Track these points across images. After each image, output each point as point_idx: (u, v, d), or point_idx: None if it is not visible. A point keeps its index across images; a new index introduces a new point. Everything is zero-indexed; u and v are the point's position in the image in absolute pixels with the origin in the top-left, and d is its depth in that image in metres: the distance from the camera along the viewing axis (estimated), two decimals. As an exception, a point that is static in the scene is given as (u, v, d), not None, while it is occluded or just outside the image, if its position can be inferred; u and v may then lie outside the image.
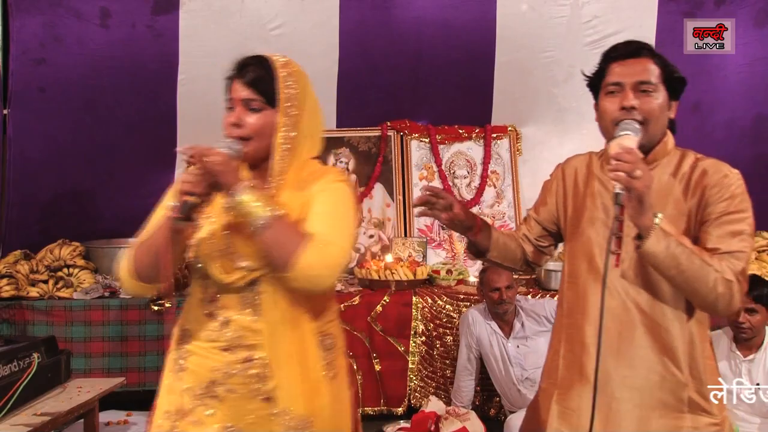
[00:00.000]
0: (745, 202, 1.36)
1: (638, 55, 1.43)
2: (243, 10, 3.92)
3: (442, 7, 4.07)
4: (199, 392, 1.37)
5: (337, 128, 4.42)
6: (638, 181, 1.26)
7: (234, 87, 1.44)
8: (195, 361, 1.40)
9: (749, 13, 4.04)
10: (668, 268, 1.30)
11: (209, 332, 1.39)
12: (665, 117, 1.45)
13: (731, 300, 1.30)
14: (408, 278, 3.65)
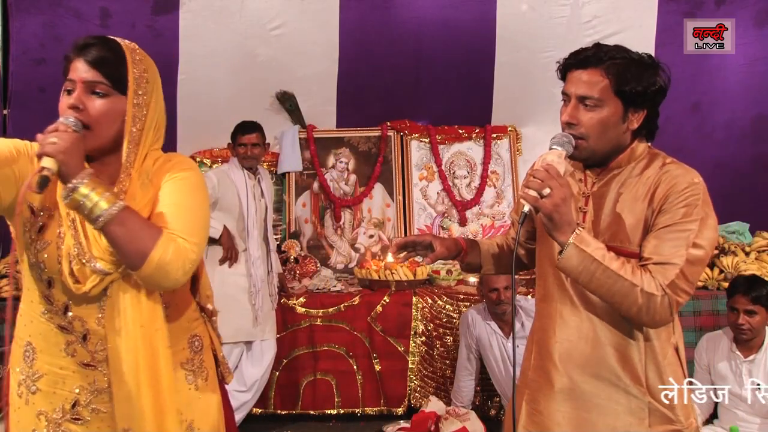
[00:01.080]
0: (696, 215, 1.32)
1: (586, 66, 1.38)
2: (243, 10, 3.92)
3: (442, 7, 4.07)
4: (58, 417, 1.23)
5: (337, 128, 4.43)
6: (546, 200, 1.26)
7: (75, 66, 1.24)
8: (50, 381, 1.24)
9: (749, 13, 4.03)
10: (585, 283, 1.32)
11: (66, 347, 1.23)
12: (616, 130, 1.38)
13: (654, 312, 1.29)
14: (408, 278, 3.65)
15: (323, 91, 4.28)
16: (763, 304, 2.67)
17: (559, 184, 1.28)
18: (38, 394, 1.25)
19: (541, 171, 1.29)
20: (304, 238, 4.26)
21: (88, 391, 1.25)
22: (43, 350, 1.25)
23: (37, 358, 1.25)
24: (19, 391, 1.26)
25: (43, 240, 1.22)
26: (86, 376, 1.25)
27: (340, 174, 4.38)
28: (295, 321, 3.55)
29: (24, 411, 1.25)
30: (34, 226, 1.22)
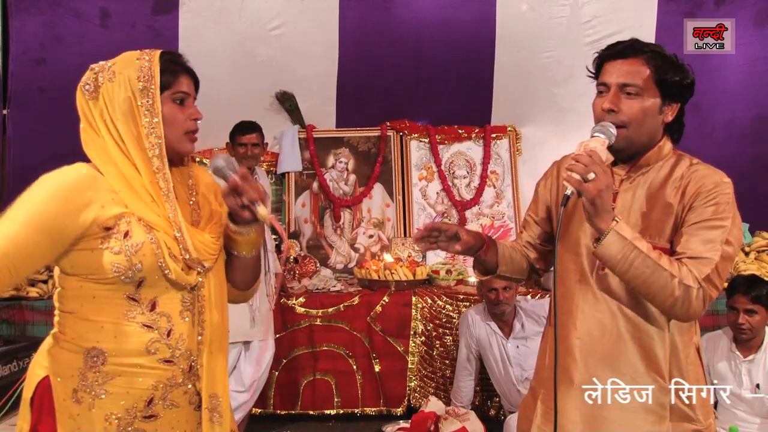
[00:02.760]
0: (727, 212, 1.33)
1: (628, 56, 1.40)
2: (243, 10, 3.92)
3: (442, 7, 4.07)
4: (130, 416, 1.26)
5: (337, 128, 4.43)
6: (590, 184, 1.26)
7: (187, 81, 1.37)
8: (121, 382, 1.26)
9: (749, 13, 4.03)
10: (623, 272, 1.32)
11: (148, 346, 1.27)
12: (654, 121, 1.40)
13: (689, 305, 1.29)
14: (407, 278, 3.65)
15: (323, 91, 4.28)
16: (763, 304, 2.67)
17: (603, 170, 1.28)
18: (107, 397, 1.25)
19: (585, 156, 1.28)
20: (304, 238, 4.26)
21: (165, 386, 1.29)
22: (118, 353, 1.26)
23: (107, 362, 1.26)
24: (77, 397, 1.25)
25: (133, 243, 1.26)
26: (164, 371, 1.29)
27: (340, 174, 4.38)
28: (294, 321, 3.55)
29: (86, 417, 1.25)
30: (120, 234, 1.26)
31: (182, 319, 1.31)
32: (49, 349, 1.30)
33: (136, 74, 1.28)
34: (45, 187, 1.24)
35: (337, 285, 3.82)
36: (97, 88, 1.29)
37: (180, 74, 1.34)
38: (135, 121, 1.29)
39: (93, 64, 1.34)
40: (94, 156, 1.30)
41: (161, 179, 1.29)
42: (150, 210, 1.28)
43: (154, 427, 1.28)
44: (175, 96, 1.33)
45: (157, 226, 1.28)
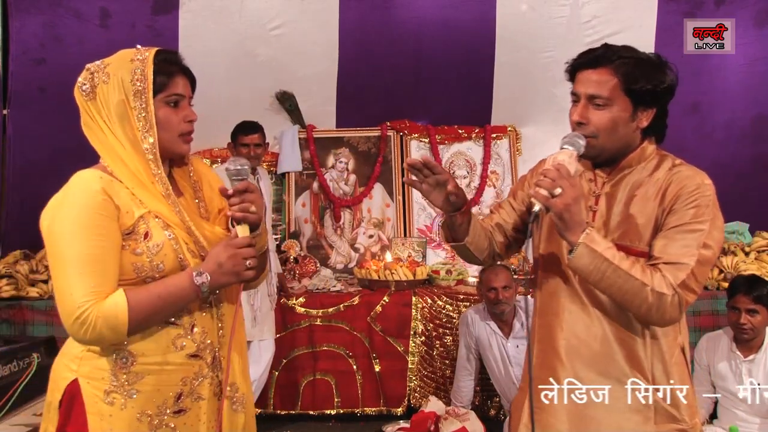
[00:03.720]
0: (706, 215, 1.33)
1: (597, 65, 1.39)
2: (243, 10, 3.92)
3: (442, 7, 4.07)
4: (161, 413, 1.28)
5: (337, 128, 4.43)
6: (557, 200, 1.27)
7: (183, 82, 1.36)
8: (152, 380, 1.28)
9: (749, 13, 4.03)
10: (596, 282, 1.33)
11: (174, 342, 1.29)
12: (626, 128, 1.39)
13: (664, 312, 1.30)
14: (407, 278, 3.65)
15: (323, 91, 4.28)
16: (765, 304, 2.67)
17: (570, 184, 1.28)
18: (139, 397, 1.27)
19: (553, 170, 1.29)
20: (304, 238, 4.26)
21: (192, 380, 1.31)
22: (147, 352, 1.28)
23: (137, 362, 1.27)
24: (109, 399, 1.26)
25: (154, 243, 1.28)
26: (191, 366, 1.31)
27: (340, 174, 4.38)
28: (294, 321, 3.55)
29: (119, 417, 1.26)
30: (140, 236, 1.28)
31: (202, 313, 1.33)
32: (76, 352, 1.30)
33: (130, 77, 1.28)
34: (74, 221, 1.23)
35: (337, 285, 3.82)
36: (93, 89, 1.30)
37: (174, 75, 1.32)
38: (130, 124, 1.29)
39: (89, 64, 1.33)
40: (104, 154, 1.31)
41: (158, 182, 1.30)
42: (164, 206, 1.30)
43: (183, 421, 1.30)
44: (169, 99, 1.32)
45: (173, 222, 1.30)
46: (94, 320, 1.19)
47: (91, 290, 1.20)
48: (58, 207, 1.25)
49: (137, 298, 1.23)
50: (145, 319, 1.24)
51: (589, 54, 1.42)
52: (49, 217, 1.25)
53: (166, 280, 1.27)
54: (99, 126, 1.30)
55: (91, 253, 1.21)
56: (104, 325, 1.20)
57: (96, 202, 1.24)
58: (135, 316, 1.21)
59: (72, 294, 1.20)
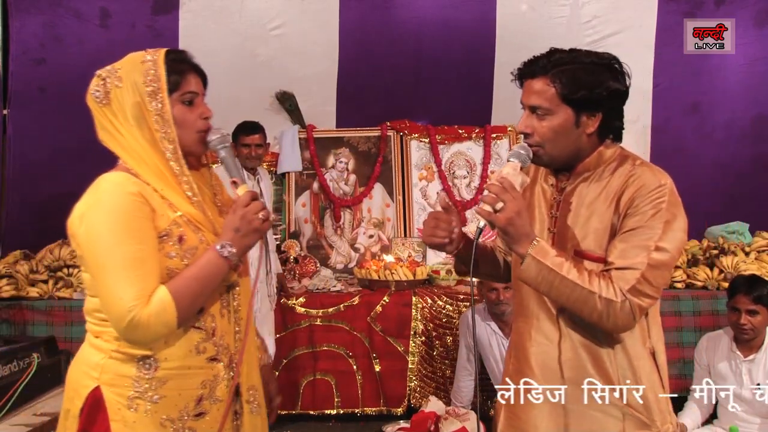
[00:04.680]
0: (659, 218, 1.30)
1: (535, 75, 1.39)
2: (243, 10, 3.93)
3: (442, 7, 4.08)
4: (184, 416, 1.29)
5: (337, 128, 4.43)
6: (500, 214, 1.28)
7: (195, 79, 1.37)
8: (174, 385, 1.28)
9: (749, 13, 4.04)
10: (545, 292, 1.34)
11: (197, 346, 1.31)
12: (571, 136, 1.37)
13: (615, 318, 1.29)
14: (408, 278, 3.65)
15: (323, 91, 4.29)
16: (765, 304, 2.66)
17: (512, 197, 1.29)
18: (162, 402, 1.27)
19: (495, 185, 1.30)
20: (304, 238, 4.26)
21: (211, 382, 1.32)
22: (169, 357, 1.28)
23: (159, 367, 1.28)
24: (132, 405, 1.26)
25: (189, 247, 1.30)
26: (211, 369, 1.32)
27: (340, 174, 4.38)
28: (294, 321, 3.55)
29: (143, 423, 1.26)
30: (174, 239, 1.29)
31: (221, 316, 1.35)
32: (97, 360, 1.29)
33: (143, 78, 1.28)
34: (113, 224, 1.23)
35: (337, 285, 3.82)
36: (107, 94, 1.30)
37: (187, 74, 1.34)
38: (147, 126, 1.29)
39: (99, 70, 1.32)
40: (126, 157, 1.31)
41: (183, 183, 1.31)
42: (192, 208, 1.32)
43: (203, 424, 1.31)
44: (183, 97, 1.32)
45: (203, 225, 1.33)
46: (147, 320, 1.21)
47: (137, 293, 1.21)
48: (93, 211, 1.24)
49: (178, 288, 1.24)
50: (190, 304, 1.26)
51: (530, 63, 1.42)
52: (84, 222, 1.25)
53: (198, 262, 1.28)
54: (117, 129, 1.30)
55: (134, 257, 1.22)
56: (157, 323, 1.22)
57: (134, 204, 1.24)
58: (181, 305, 1.24)
59: (122, 299, 1.20)
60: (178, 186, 1.31)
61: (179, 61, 1.33)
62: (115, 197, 1.25)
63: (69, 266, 3.65)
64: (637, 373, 1.38)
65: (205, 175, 1.45)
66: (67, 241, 3.78)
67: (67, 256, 3.70)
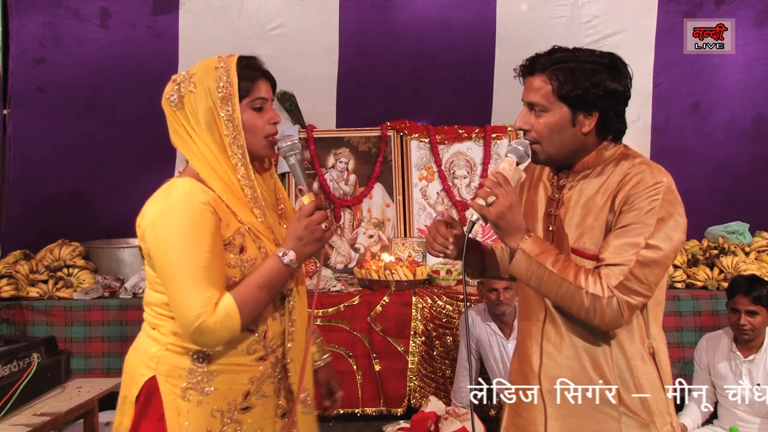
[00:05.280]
0: (652, 215, 1.29)
1: (534, 72, 1.41)
2: (243, 10, 3.93)
3: (442, 7, 4.08)
4: (232, 409, 1.36)
5: (337, 128, 4.43)
6: (491, 208, 1.30)
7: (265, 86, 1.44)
8: (225, 379, 1.36)
9: (749, 13, 4.04)
10: (535, 287, 1.36)
11: (247, 347, 1.37)
12: (567, 134, 1.38)
13: (602, 314, 1.29)
14: (408, 278, 3.65)
15: (323, 91, 4.28)
16: (764, 304, 2.67)
17: (505, 191, 1.30)
18: (212, 394, 1.34)
19: (489, 179, 1.32)
20: (304, 238, 4.26)
21: (258, 379, 1.39)
22: (222, 354, 1.35)
23: (213, 362, 1.34)
24: (186, 396, 1.33)
25: (248, 257, 1.36)
26: (259, 367, 1.39)
27: (340, 174, 4.38)
28: (294, 321, 3.55)
29: (195, 413, 1.33)
30: (235, 249, 1.35)
31: (274, 320, 1.42)
32: (154, 351, 1.37)
33: (215, 84, 1.34)
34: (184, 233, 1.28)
35: (338, 285, 3.82)
36: (181, 99, 1.35)
37: (258, 80, 1.39)
38: (218, 131, 1.34)
39: (174, 75, 1.39)
40: (194, 161, 1.35)
41: (247, 187, 1.35)
42: (253, 217, 1.37)
43: (249, 417, 1.37)
44: (254, 104, 1.37)
45: (263, 234, 1.38)
46: (213, 327, 1.27)
47: (205, 301, 1.27)
48: (164, 219, 1.30)
49: (243, 296, 1.31)
50: (253, 310, 1.33)
51: (531, 60, 1.44)
52: (156, 229, 1.30)
53: (260, 269, 1.34)
54: (188, 134, 1.35)
55: (202, 266, 1.28)
56: (223, 329, 1.28)
57: (203, 214, 1.29)
58: (245, 312, 1.30)
59: (190, 306, 1.27)
60: (241, 193, 1.35)
61: (251, 67, 1.39)
62: (185, 206, 1.30)
63: (69, 266, 3.66)
64: (635, 373, 1.38)
65: (269, 181, 1.51)
66: (67, 241, 3.79)
67: (67, 256, 3.70)
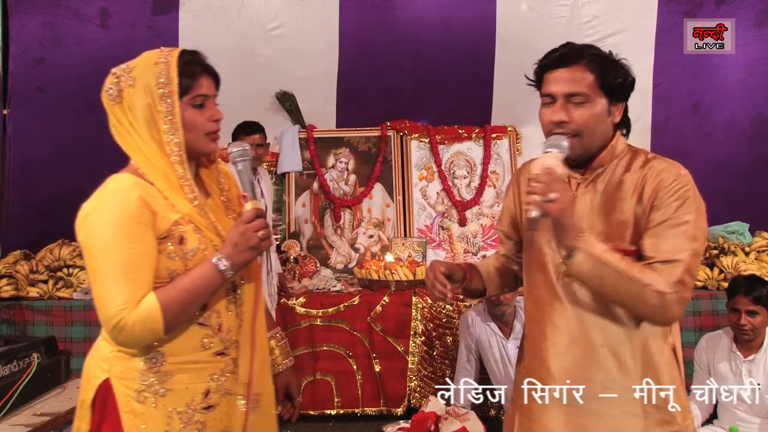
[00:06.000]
0: (689, 206, 1.31)
1: (569, 63, 1.38)
2: (243, 10, 3.92)
3: (442, 7, 4.07)
4: (191, 410, 1.32)
5: (337, 128, 4.43)
6: (554, 204, 1.26)
7: (207, 82, 1.36)
8: (181, 379, 1.31)
9: (749, 13, 4.04)
10: (596, 287, 1.33)
11: (201, 342, 1.33)
12: (605, 124, 1.39)
13: (666, 311, 1.29)
14: (408, 278, 3.65)
15: (323, 91, 4.28)
16: (764, 304, 2.66)
17: (563, 187, 1.28)
18: (168, 395, 1.30)
19: (544, 175, 1.28)
20: (304, 238, 4.26)
21: (219, 376, 1.35)
22: (176, 352, 1.31)
23: (166, 362, 1.31)
24: (140, 398, 1.30)
25: (189, 249, 1.32)
26: (218, 363, 1.35)
27: (340, 174, 4.38)
28: (294, 321, 3.55)
29: (151, 415, 1.30)
30: (175, 240, 1.31)
31: (228, 312, 1.37)
32: (107, 353, 1.33)
33: (155, 80, 1.29)
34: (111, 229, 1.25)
35: (337, 285, 3.82)
36: (120, 93, 1.31)
37: (198, 77, 1.34)
38: (156, 127, 1.31)
39: (114, 68, 1.34)
40: (134, 156, 1.33)
41: (185, 185, 1.32)
42: (194, 209, 1.33)
43: (213, 416, 1.34)
44: (194, 101, 1.33)
45: (203, 225, 1.34)
46: (132, 326, 1.23)
47: (126, 298, 1.23)
48: (95, 214, 1.27)
49: (167, 297, 1.26)
50: (178, 314, 1.27)
51: (559, 53, 1.41)
52: (86, 224, 1.28)
53: (191, 272, 1.29)
54: (126, 129, 1.32)
55: (126, 261, 1.24)
56: (141, 329, 1.24)
57: (133, 210, 1.26)
58: (168, 314, 1.25)
59: (109, 302, 1.23)
60: (180, 188, 1.32)
61: (192, 63, 1.34)
62: (117, 201, 1.27)
63: (69, 266, 3.66)
64: (660, 370, 1.38)
65: (214, 171, 1.46)
66: (67, 241, 3.79)
67: (67, 256, 3.70)
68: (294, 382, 1.62)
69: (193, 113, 1.32)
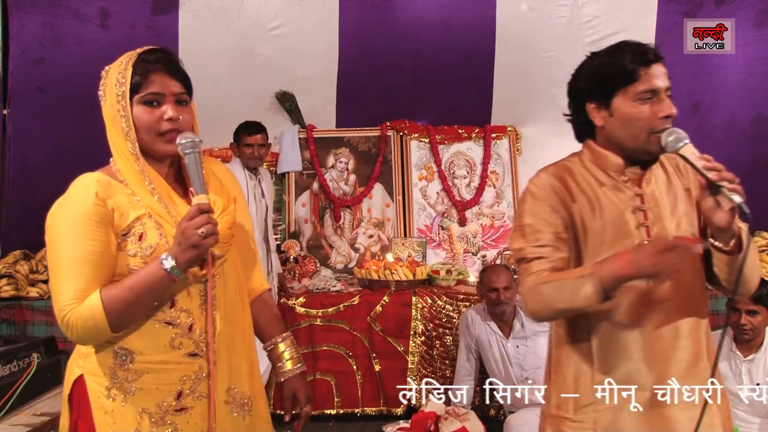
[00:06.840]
0: None
1: (658, 60, 1.42)
2: (243, 10, 3.92)
3: (442, 7, 4.07)
4: (162, 410, 1.29)
5: (337, 128, 4.43)
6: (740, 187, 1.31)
7: (161, 80, 1.31)
8: (151, 379, 1.29)
9: (749, 13, 4.03)
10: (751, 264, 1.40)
11: (171, 342, 1.30)
12: None
13: None
14: (407, 278, 3.65)
15: (323, 91, 4.28)
16: (765, 304, 2.66)
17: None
18: (139, 394, 1.29)
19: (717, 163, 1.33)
20: (304, 238, 4.26)
21: (192, 379, 1.32)
22: (144, 350, 1.30)
23: (135, 360, 1.30)
24: (110, 395, 1.30)
25: (148, 245, 1.30)
26: (191, 364, 1.32)
27: (340, 174, 4.38)
28: (294, 321, 3.55)
29: (120, 413, 1.29)
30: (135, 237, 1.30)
31: (202, 312, 1.34)
32: (83, 350, 1.34)
33: (116, 80, 1.31)
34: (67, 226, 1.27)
35: (337, 285, 3.82)
36: (104, 93, 1.35)
37: (149, 74, 1.31)
38: (119, 126, 1.32)
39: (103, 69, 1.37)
40: (113, 152, 1.35)
41: (146, 181, 1.32)
42: (158, 204, 1.33)
43: (186, 419, 1.31)
44: (144, 98, 1.31)
45: (166, 221, 1.32)
46: (75, 322, 1.23)
47: (73, 294, 1.23)
48: (56, 211, 1.30)
49: (111, 295, 1.24)
50: (123, 312, 1.24)
51: (650, 48, 1.43)
52: (48, 221, 1.30)
53: (139, 271, 1.26)
54: (108, 127, 1.35)
55: (78, 258, 1.24)
56: (83, 326, 1.23)
57: (89, 208, 1.27)
58: (112, 312, 1.23)
59: (59, 298, 1.25)
60: (142, 182, 1.32)
61: (145, 61, 1.32)
62: (75, 200, 1.29)
63: (69, 266, 3.65)
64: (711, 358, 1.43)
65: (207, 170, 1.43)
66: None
67: (67, 256, 3.69)
68: (302, 390, 1.60)
69: (141, 111, 1.30)
